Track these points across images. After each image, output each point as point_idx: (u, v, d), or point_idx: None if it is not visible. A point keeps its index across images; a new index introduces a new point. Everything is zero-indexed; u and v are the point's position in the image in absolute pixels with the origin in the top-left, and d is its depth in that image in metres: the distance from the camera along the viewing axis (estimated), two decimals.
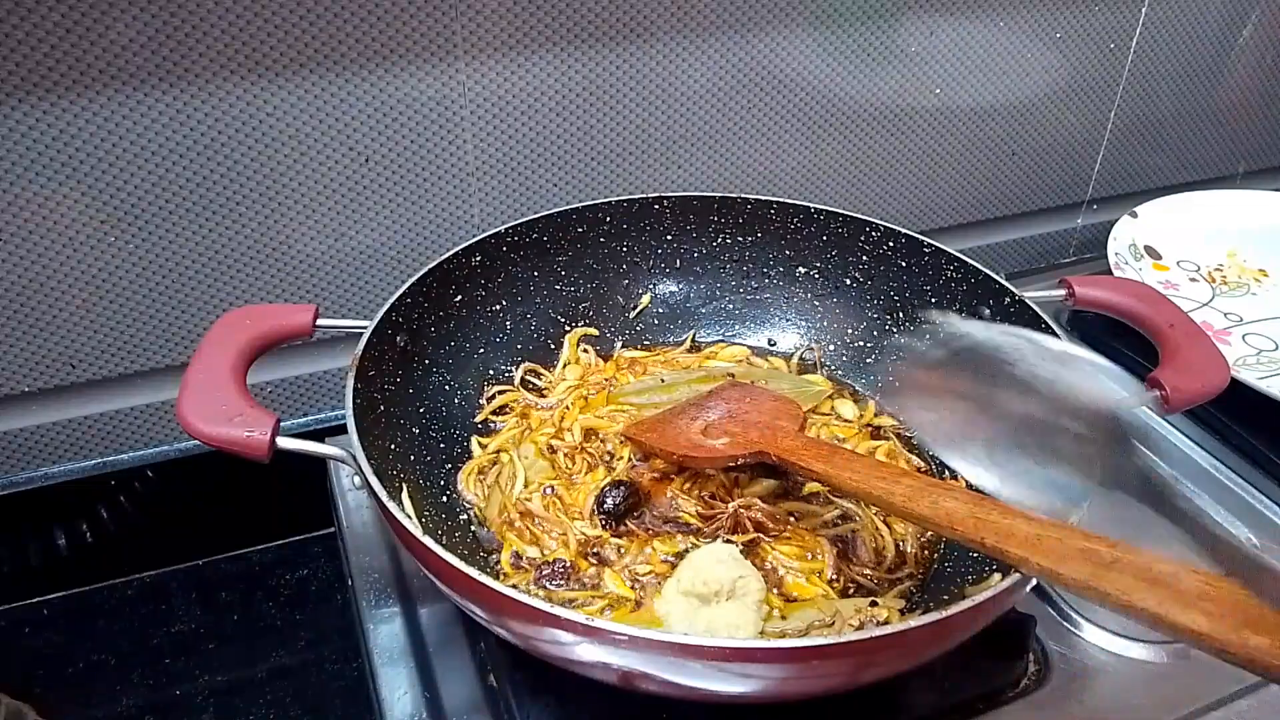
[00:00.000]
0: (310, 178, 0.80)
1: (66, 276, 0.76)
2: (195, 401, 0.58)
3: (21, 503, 0.81)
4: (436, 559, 0.51)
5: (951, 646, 0.54)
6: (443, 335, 0.76)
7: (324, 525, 0.87)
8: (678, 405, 0.75)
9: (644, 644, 0.47)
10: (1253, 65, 1.19)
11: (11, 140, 0.70)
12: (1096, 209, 1.20)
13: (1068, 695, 0.64)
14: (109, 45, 0.69)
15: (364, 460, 0.56)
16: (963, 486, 0.62)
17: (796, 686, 0.51)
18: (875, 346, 0.83)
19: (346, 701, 0.77)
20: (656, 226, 0.85)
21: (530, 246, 0.80)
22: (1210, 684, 0.65)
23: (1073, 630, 0.69)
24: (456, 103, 0.82)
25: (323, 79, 0.76)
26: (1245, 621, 0.38)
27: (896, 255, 0.81)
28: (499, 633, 0.55)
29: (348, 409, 0.60)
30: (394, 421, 0.68)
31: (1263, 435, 0.83)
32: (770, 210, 0.84)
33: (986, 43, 1.00)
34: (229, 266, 0.81)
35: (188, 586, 0.87)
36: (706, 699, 0.52)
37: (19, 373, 0.78)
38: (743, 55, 0.90)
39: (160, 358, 0.82)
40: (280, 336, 0.65)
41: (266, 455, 0.57)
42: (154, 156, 0.74)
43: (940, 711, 0.62)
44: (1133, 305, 0.72)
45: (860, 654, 0.49)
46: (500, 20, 0.80)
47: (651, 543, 0.67)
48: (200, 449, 0.84)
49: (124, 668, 0.79)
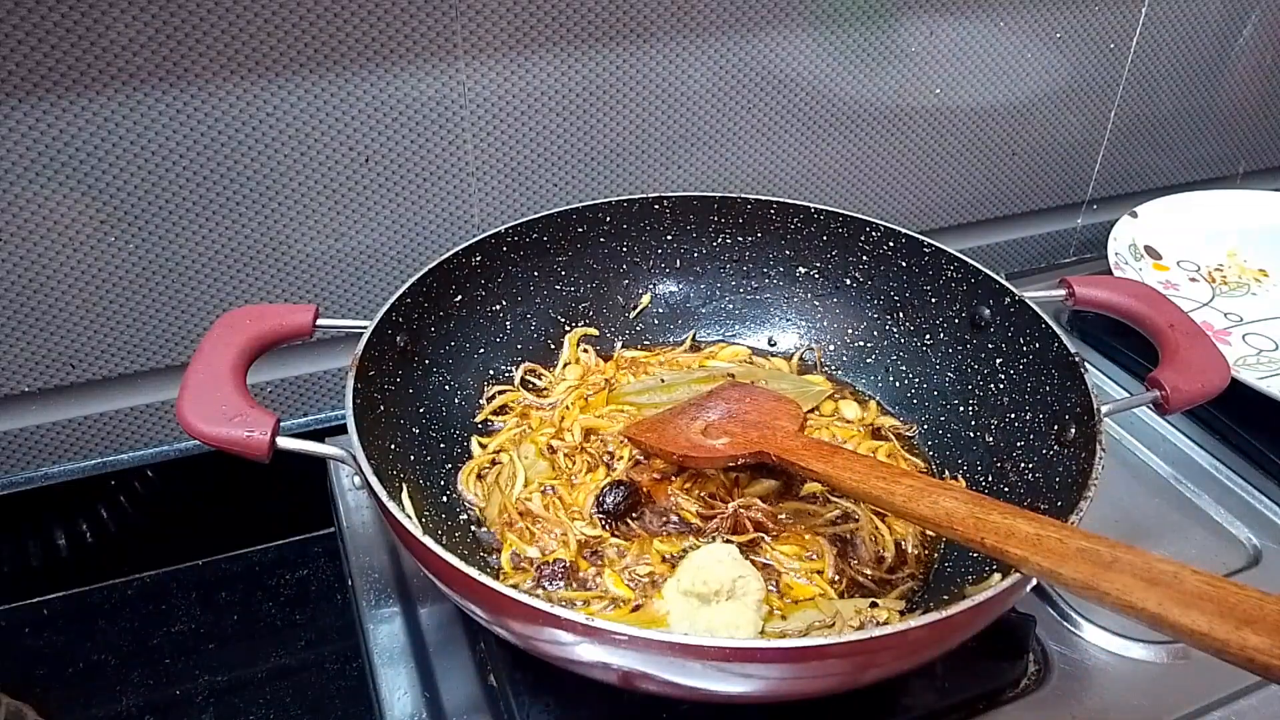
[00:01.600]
0: (310, 178, 0.80)
1: (66, 276, 0.76)
2: (195, 401, 0.58)
3: (21, 503, 0.81)
4: (436, 559, 0.51)
5: (952, 646, 0.54)
6: (443, 335, 0.76)
7: (324, 525, 0.87)
8: (678, 405, 0.75)
9: (644, 644, 0.47)
10: (1253, 65, 1.19)
11: (11, 140, 0.70)
12: (1096, 209, 1.20)
13: (1068, 695, 0.64)
14: (109, 45, 0.69)
15: (364, 460, 0.56)
16: (962, 487, 0.62)
17: (796, 686, 0.51)
18: (875, 346, 0.83)
19: (346, 701, 0.78)
20: (656, 226, 0.85)
21: (530, 246, 0.80)
22: (1210, 684, 0.65)
23: (1073, 630, 0.69)
24: (456, 103, 0.82)
25: (323, 79, 0.76)
26: (1244, 621, 0.38)
27: (897, 255, 0.81)
28: (499, 633, 0.55)
29: (348, 409, 0.59)
30: (394, 421, 0.68)
31: (1263, 435, 0.84)
32: (770, 210, 0.84)
33: (986, 43, 1.00)
34: (229, 266, 0.81)
35: (188, 586, 0.87)
36: (706, 699, 0.52)
37: (19, 373, 0.78)
38: (743, 55, 0.90)
39: (160, 358, 0.82)
40: (280, 336, 0.65)
41: (266, 455, 0.57)
42: (154, 156, 0.74)
43: (940, 711, 0.62)
44: (1133, 305, 0.72)
45: (860, 654, 0.49)
46: (500, 20, 0.80)
47: (651, 543, 0.67)
48: (200, 449, 0.84)
49: (124, 668, 0.79)
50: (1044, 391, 0.69)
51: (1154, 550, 0.44)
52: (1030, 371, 0.71)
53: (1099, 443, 0.59)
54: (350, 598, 0.72)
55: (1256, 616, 0.38)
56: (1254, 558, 0.76)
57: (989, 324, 0.75)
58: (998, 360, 0.74)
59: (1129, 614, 0.42)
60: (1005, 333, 0.74)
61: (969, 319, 0.77)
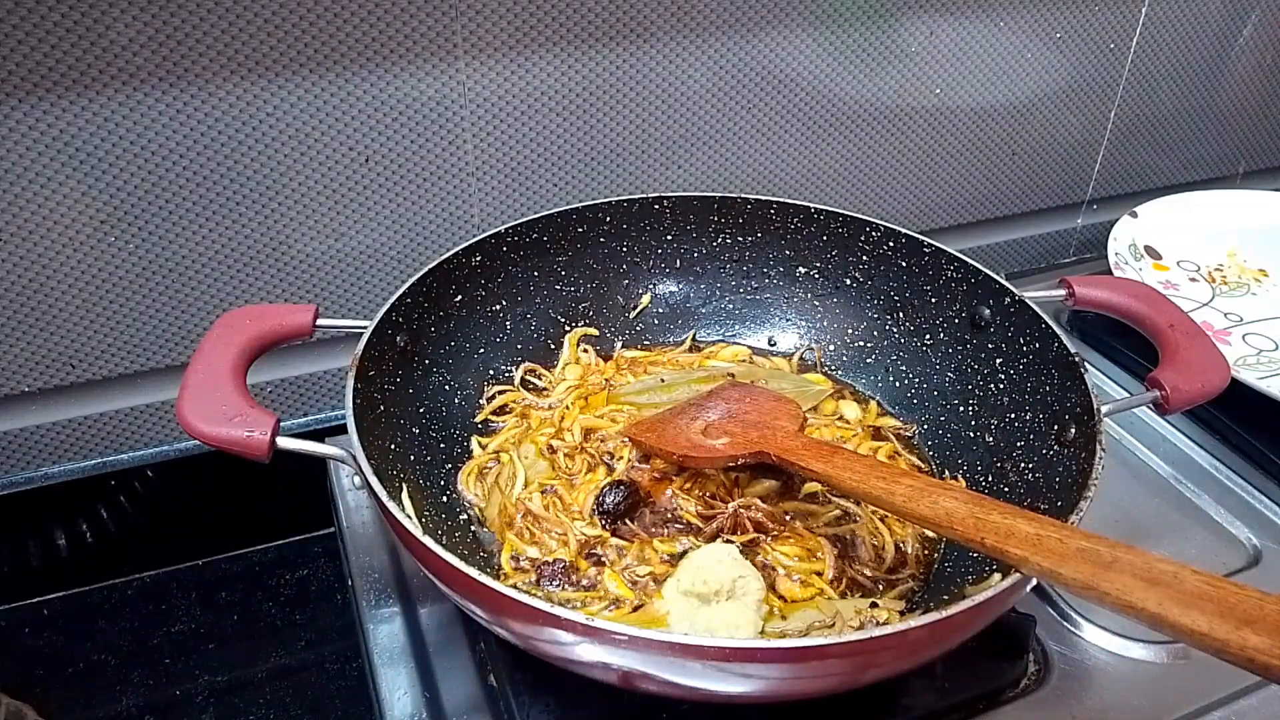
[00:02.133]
0: (310, 178, 0.80)
1: (66, 276, 0.76)
2: (195, 401, 0.58)
3: (21, 503, 0.81)
4: (436, 559, 0.51)
5: (952, 646, 0.54)
6: (443, 335, 0.76)
7: (324, 525, 0.88)
8: (678, 405, 0.75)
9: (644, 644, 0.47)
10: (1253, 65, 1.19)
11: (12, 140, 0.70)
12: (1096, 209, 1.20)
13: (1068, 695, 0.64)
14: (109, 45, 0.69)
15: (364, 460, 0.56)
16: (962, 487, 0.62)
17: (796, 687, 0.51)
18: (875, 346, 0.83)
19: (347, 701, 0.78)
20: (656, 226, 0.85)
21: (530, 246, 0.80)
22: (1210, 684, 0.65)
23: (1073, 630, 0.69)
24: (456, 103, 0.82)
25: (323, 79, 0.76)
26: (1244, 621, 0.38)
27: (896, 255, 0.81)
28: (499, 633, 0.55)
29: (348, 409, 0.60)
30: (394, 421, 0.68)
31: (1263, 435, 0.84)
32: (770, 210, 0.84)
33: (986, 43, 1.00)
34: (229, 266, 0.81)
35: (188, 586, 0.87)
36: (706, 699, 0.52)
37: (19, 373, 0.78)
38: (743, 55, 0.90)
39: (160, 358, 0.82)
40: (280, 336, 0.65)
41: (266, 455, 0.57)
42: (154, 156, 0.74)
43: (940, 711, 0.62)
44: (1133, 305, 0.72)
45: (860, 654, 0.49)
46: (500, 20, 0.80)
47: (652, 543, 0.67)
48: (200, 449, 0.84)
49: (124, 668, 0.79)
50: (1044, 391, 0.69)
51: (1154, 550, 0.44)
52: (1030, 371, 0.71)
53: (1099, 443, 0.59)
54: (350, 598, 0.72)
55: (1256, 616, 0.38)
56: (1254, 558, 0.76)
57: (989, 324, 0.75)
58: (998, 360, 0.74)
59: (1129, 614, 0.42)
60: (1005, 333, 0.74)
61: (969, 319, 0.77)
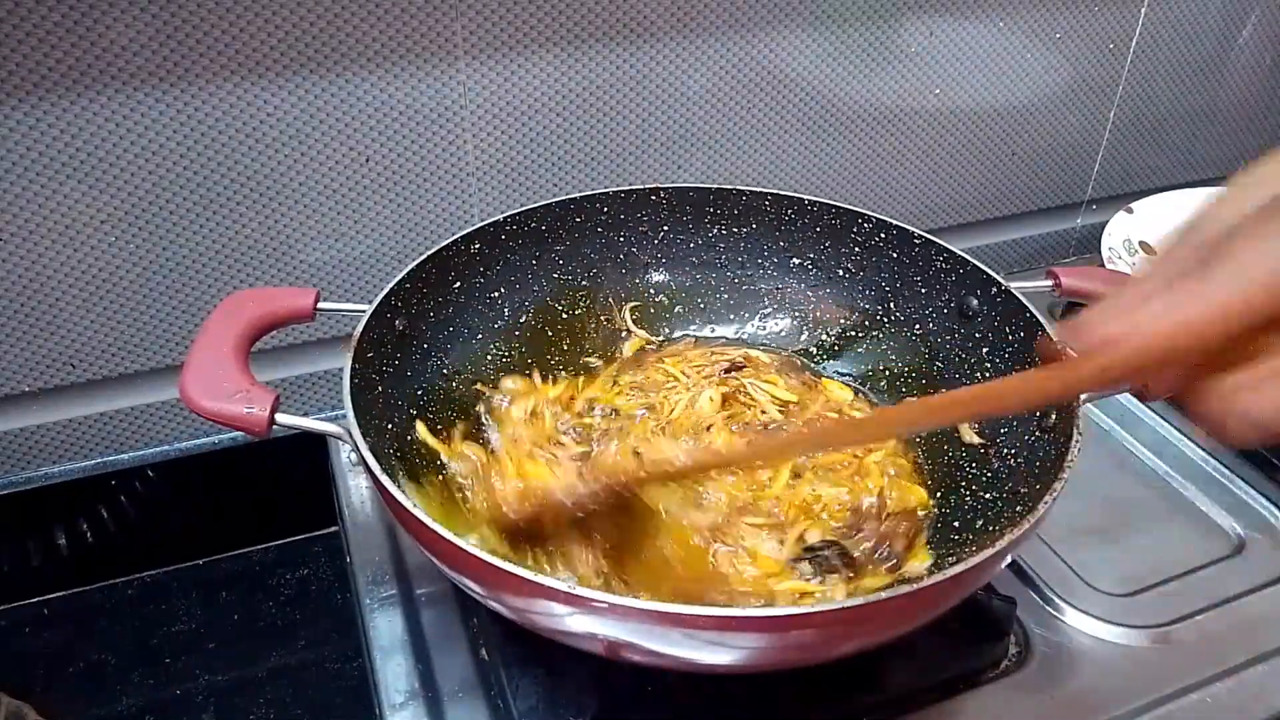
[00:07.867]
0: (310, 178, 0.80)
1: (66, 276, 0.76)
2: (198, 378, 0.58)
3: (21, 503, 0.81)
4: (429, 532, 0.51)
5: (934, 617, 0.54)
6: (441, 320, 0.76)
7: (325, 525, 0.88)
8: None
9: (623, 611, 0.48)
10: (1253, 65, 1.19)
11: (12, 140, 0.70)
12: (1096, 209, 1.20)
13: (1048, 677, 0.65)
14: (109, 45, 0.69)
15: (359, 436, 0.56)
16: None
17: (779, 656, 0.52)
18: (866, 336, 0.84)
19: (347, 701, 0.78)
20: (653, 217, 0.85)
21: (528, 235, 0.80)
22: (1188, 668, 0.66)
23: (1054, 614, 0.69)
24: (456, 103, 0.82)
25: (323, 79, 0.76)
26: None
27: (887, 246, 0.81)
28: (492, 606, 0.56)
29: (345, 386, 0.60)
30: (391, 402, 0.69)
31: None
32: (765, 202, 0.84)
33: (986, 43, 1.00)
34: (229, 267, 0.81)
35: (188, 586, 0.87)
36: (691, 669, 0.53)
37: (19, 373, 0.78)
38: (743, 55, 0.90)
39: (160, 358, 0.82)
40: (282, 318, 0.65)
41: (265, 430, 0.57)
42: (154, 156, 0.74)
43: (920, 690, 0.63)
44: None
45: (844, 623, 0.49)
46: (500, 21, 0.80)
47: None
48: (201, 448, 0.84)
49: (124, 668, 0.79)
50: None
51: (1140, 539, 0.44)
52: (1015, 360, 0.72)
53: (1076, 427, 0.60)
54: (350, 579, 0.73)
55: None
56: (1237, 546, 0.77)
57: (977, 314, 0.75)
58: (984, 349, 0.75)
59: None
60: (992, 322, 0.74)
61: (958, 309, 0.77)
